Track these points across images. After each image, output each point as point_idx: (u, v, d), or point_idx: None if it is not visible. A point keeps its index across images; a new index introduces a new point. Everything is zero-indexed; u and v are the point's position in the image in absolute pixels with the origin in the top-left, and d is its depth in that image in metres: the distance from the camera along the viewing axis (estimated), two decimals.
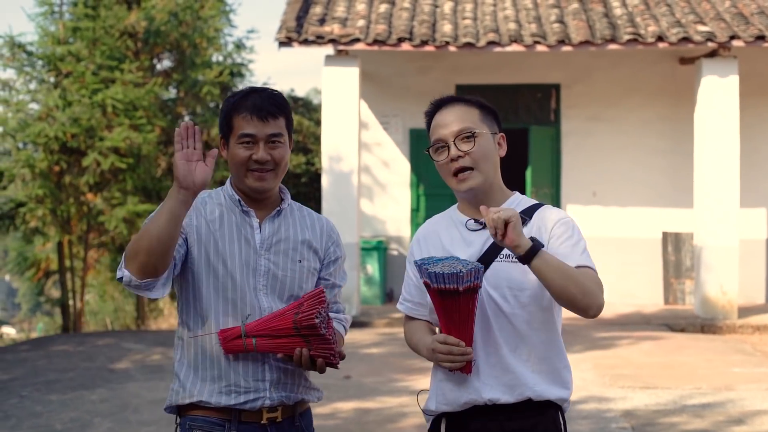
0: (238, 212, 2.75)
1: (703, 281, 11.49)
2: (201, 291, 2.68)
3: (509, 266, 2.60)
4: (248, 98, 2.70)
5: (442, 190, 13.09)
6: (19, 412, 7.13)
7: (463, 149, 2.63)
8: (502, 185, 2.73)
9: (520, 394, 2.61)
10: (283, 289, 2.73)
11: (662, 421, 6.71)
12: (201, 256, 2.68)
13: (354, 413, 6.99)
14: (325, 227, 2.86)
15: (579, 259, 2.58)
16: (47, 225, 14.44)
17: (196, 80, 15.37)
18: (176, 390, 2.71)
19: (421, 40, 11.41)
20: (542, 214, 2.67)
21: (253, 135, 2.67)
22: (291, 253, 2.75)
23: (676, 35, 11.29)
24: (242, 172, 2.70)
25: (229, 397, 2.64)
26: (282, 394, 2.69)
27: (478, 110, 2.71)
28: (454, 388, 2.65)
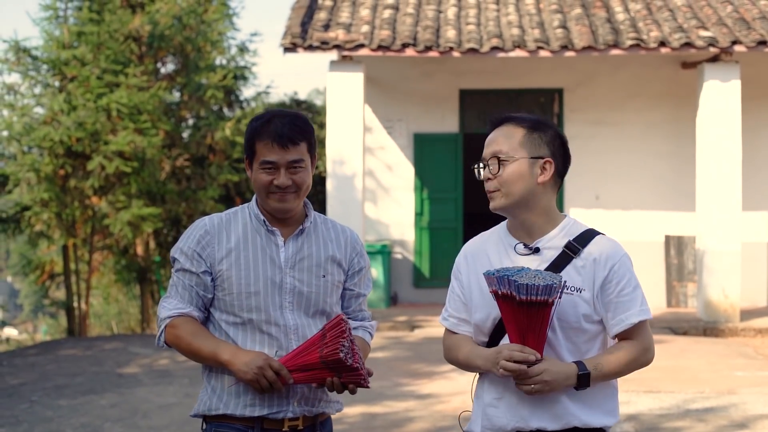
0: (263, 232, 2.82)
1: (705, 284, 11.56)
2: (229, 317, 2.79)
3: (562, 297, 2.60)
4: (270, 124, 2.77)
5: (446, 194, 13.18)
6: (30, 417, 7.20)
7: (492, 172, 2.67)
8: (549, 211, 2.70)
9: (567, 423, 2.64)
10: (309, 305, 2.81)
11: (666, 425, 6.77)
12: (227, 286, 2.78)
13: (361, 418, 7.04)
14: (350, 239, 2.94)
15: (639, 313, 2.64)
16: (52, 228, 14.51)
17: (199, 84, 15.43)
18: (205, 401, 2.81)
19: (425, 45, 11.48)
20: (598, 245, 2.65)
21: (275, 162, 2.75)
22: (315, 269, 2.83)
23: (679, 40, 11.36)
24: (264, 194, 2.79)
25: (254, 409, 2.74)
26: (304, 408, 2.78)
27: (525, 131, 2.69)
28: (500, 415, 2.67)
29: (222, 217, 2.86)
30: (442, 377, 8.43)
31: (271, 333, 2.76)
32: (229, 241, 2.79)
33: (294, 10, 12.19)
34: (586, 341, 2.66)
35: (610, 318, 2.65)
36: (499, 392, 2.68)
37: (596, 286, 2.63)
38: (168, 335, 2.78)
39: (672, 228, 12.96)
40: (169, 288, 2.84)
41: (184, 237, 2.84)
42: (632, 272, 2.68)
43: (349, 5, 12.44)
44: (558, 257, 2.65)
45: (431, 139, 13.26)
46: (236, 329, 2.77)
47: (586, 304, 2.63)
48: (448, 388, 7.91)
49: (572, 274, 2.63)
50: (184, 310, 2.78)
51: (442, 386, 8.04)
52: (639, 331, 2.67)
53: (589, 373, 2.58)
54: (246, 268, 2.77)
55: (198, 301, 2.80)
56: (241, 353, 2.70)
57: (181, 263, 2.80)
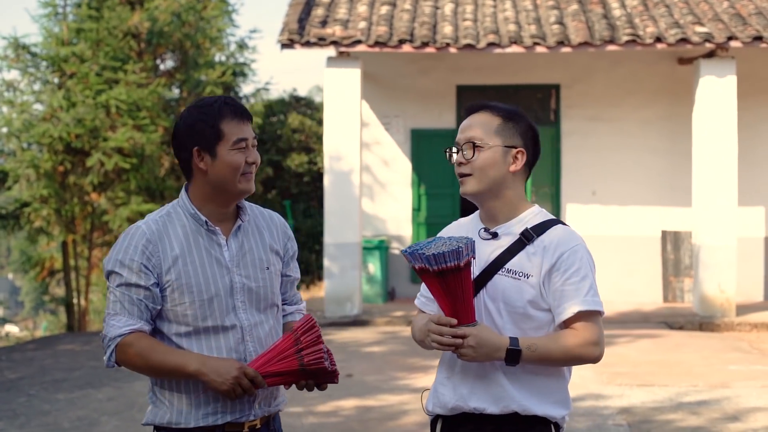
0: (204, 233, 2.72)
1: (701, 279, 11.60)
2: (180, 327, 2.68)
3: (507, 281, 2.64)
4: (226, 105, 2.70)
5: (443, 190, 13.23)
6: (28, 411, 7.26)
7: (466, 157, 2.70)
8: (515, 199, 2.73)
9: (506, 406, 2.64)
10: (259, 300, 2.75)
11: (658, 418, 6.81)
12: (179, 296, 2.66)
13: (356, 411, 7.10)
14: (280, 225, 2.88)
15: (582, 303, 2.60)
16: (51, 224, 14.56)
17: (198, 80, 15.47)
18: (162, 414, 2.69)
19: (422, 41, 11.52)
20: (552, 235, 2.67)
21: (246, 138, 2.69)
22: (258, 263, 2.76)
23: (675, 36, 11.39)
24: (236, 177, 2.69)
25: (217, 417, 2.67)
26: (265, 409, 2.74)
27: (501, 120, 2.73)
28: (445, 393, 2.71)
29: (158, 221, 2.71)
30: None
31: (228, 337, 2.67)
32: (173, 248, 2.66)
33: (291, 6, 12.23)
34: (534, 328, 2.65)
35: (554, 307, 2.63)
36: (448, 372, 2.72)
37: (543, 273, 2.63)
38: (121, 354, 2.61)
39: (668, 223, 13.01)
40: (112, 305, 2.64)
41: (122, 248, 2.66)
42: (584, 262, 2.64)
43: (346, 1, 12.48)
44: (513, 243, 2.67)
45: (428, 134, 13.31)
46: (190, 339, 2.66)
47: (532, 290, 2.63)
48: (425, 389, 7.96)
49: (523, 260, 2.65)
50: (135, 326, 2.62)
51: None
52: (584, 323, 2.61)
53: (520, 351, 2.55)
54: (195, 275, 2.66)
55: (147, 314, 2.65)
56: (211, 362, 2.60)
57: (125, 277, 2.63)
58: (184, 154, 2.71)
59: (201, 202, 2.72)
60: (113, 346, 2.61)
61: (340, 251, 11.64)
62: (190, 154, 2.69)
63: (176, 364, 2.59)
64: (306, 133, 16.95)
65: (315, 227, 15.92)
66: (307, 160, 16.62)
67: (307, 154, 16.74)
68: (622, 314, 11.88)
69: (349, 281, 11.59)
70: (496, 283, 2.65)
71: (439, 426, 2.76)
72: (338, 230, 11.66)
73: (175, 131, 2.75)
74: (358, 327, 11.27)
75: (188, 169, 2.73)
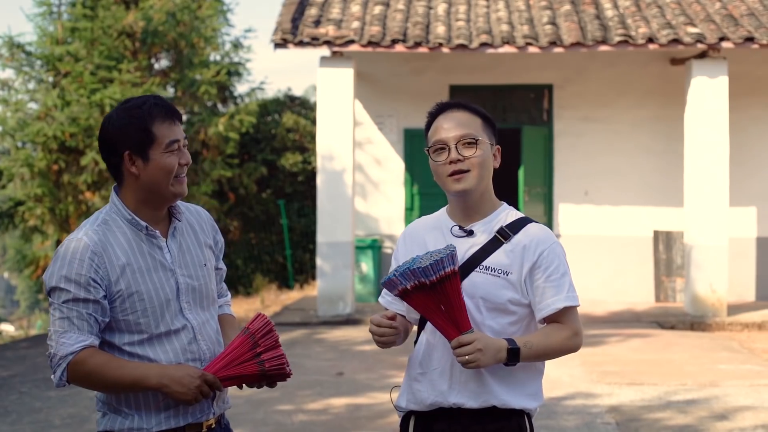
0: (144, 237, 2.68)
1: (693, 279, 11.65)
2: (133, 336, 2.64)
3: (486, 278, 2.69)
4: (156, 106, 2.64)
5: (435, 189, 13.24)
6: (19, 408, 7.29)
7: (464, 154, 2.72)
8: (492, 196, 2.81)
9: (485, 401, 2.70)
10: (202, 298, 2.75)
11: (647, 416, 6.86)
12: (129, 305, 2.62)
13: (346, 409, 7.14)
14: (207, 219, 2.87)
15: (565, 299, 2.71)
16: (46, 223, 14.59)
17: (193, 80, 15.49)
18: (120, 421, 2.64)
19: (414, 41, 11.56)
20: (529, 232, 2.74)
21: (178, 140, 2.64)
22: (197, 260, 2.76)
23: (667, 37, 11.44)
24: (170, 180, 2.64)
25: (177, 419, 2.67)
26: (222, 407, 2.79)
27: (481, 120, 2.80)
28: (422, 389, 2.74)
29: (97, 231, 2.63)
30: None
31: (180, 338, 2.66)
32: (119, 258, 2.61)
33: (285, 6, 12.26)
34: (511, 323, 2.72)
35: (537, 302, 2.71)
36: (423, 367, 2.76)
37: (524, 271, 2.70)
38: (73, 373, 2.55)
39: (660, 223, 13.06)
40: (59, 321, 2.55)
41: (66, 263, 2.57)
42: (562, 259, 2.74)
43: (339, 1, 12.51)
44: (489, 241, 2.73)
45: (421, 134, 13.16)
46: (143, 346, 2.63)
47: (512, 286, 2.70)
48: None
49: (501, 258, 2.71)
50: (86, 341, 2.55)
51: None
52: (567, 317, 2.73)
53: (519, 349, 2.63)
54: (144, 282, 2.63)
55: (96, 328, 2.58)
56: (171, 372, 2.57)
57: (73, 293, 2.55)
58: (114, 159, 2.64)
59: (135, 205, 2.67)
60: (64, 364, 2.54)
61: (332, 250, 11.67)
62: (121, 159, 2.63)
63: (134, 379, 2.56)
64: (300, 132, 16.98)
65: (309, 226, 15.95)
66: (302, 159, 16.65)
67: (302, 154, 16.76)
68: (613, 314, 11.93)
69: (341, 280, 11.62)
70: (473, 280, 2.69)
71: (413, 422, 2.80)
72: (331, 229, 11.69)
73: (103, 134, 2.66)
74: (350, 326, 11.31)
75: (119, 173, 2.66)
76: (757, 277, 13.06)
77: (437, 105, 2.84)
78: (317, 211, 11.84)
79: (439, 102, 2.86)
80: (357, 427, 6.60)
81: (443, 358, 2.70)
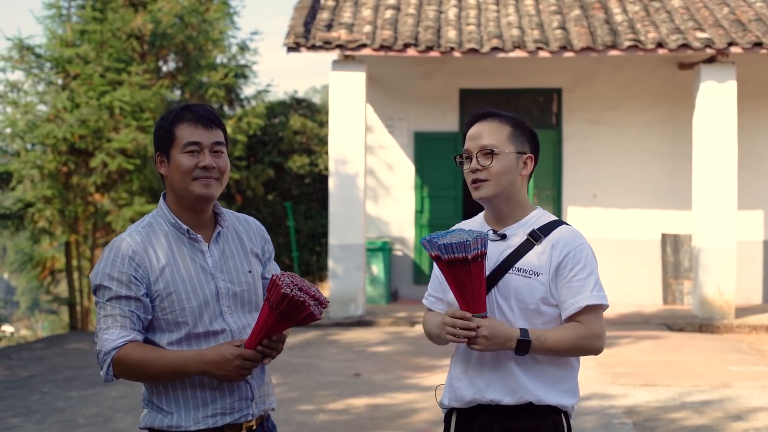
0: (186, 241, 2.76)
1: (701, 282, 11.74)
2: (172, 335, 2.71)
3: (519, 279, 2.79)
4: (188, 110, 2.73)
5: (445, 192, 13.35)
6: (43, 408, 7.36)
7: (482, 164, 2.85)
8: (523, 202, 2.90)
9: (521, 397, 2.79)
10: (244, 303, 2.80)
11: (663, 417, 6.94)
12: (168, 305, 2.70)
13: (366, 409, 7.22)
14: (257, 228, 2.93)
15: (589, 297, 2.76)
16: (54, 225, 14.64)
17: (201, 82, 15.56)
18: (161, 418, 2.71)
19: (426, 45, 11.64)
20: (559, 234, 2.84)
21: (199, 143, 2.70)
22: (240, 267, 2.81)
23: (676, 42, 11.54)
24: (188, 181, 2.71)
25: (216, 419, 2.72)
26: (261, 408, 2.82)
27: (510, 128, 2.87)
28: (462, 387, 2.85)
29: (141, 233, 2.73)
30: (444, 371, 8.52)
31: (218, 340, 2.72)
32: (159, 259, 2.70)
33: (297, 9, 12.34)
34: (543, 323, 2.81)
35: (562, 302, 2.80)
36: (464, 366, 2.87)
37: (551, 270, 2.79)
38: (118, 367, 2.63)
39: (668, 226, 13.15)
40: (103, 319, 2.66)
41: (109, 262, 2.68)
42: (589, 260, 2.82)
43: (351, 5, 12.60)
44: (521, 244, 2.84)
45: (431, 137, 13.43)
46: (182, 346, 2.70)
47: (542, 287, 2.79)
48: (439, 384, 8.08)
49: (533, 259, 2.81)
50: (129, 337, 2.64)
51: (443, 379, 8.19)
52: (589, 317, 2.78)
53: (530, 341, 2.71)
54: (183, 284, 2.70)
55: (139, 325, 2.68)
56: (207, 358, 2.63)
57: (115, 290, 2.65)
58: (155, 160, 2.79)
59: (177, 210, 2.76)
60: (109, 360, 2.63)
61: (344, 252, 11.75)
62: (155, 160, 2.77)
63: (176, 368, 2.64)
64: (307, 134, 17.04)
65: (316, 228, 16.02)
66: (309, 161, 16.71)
67: (309, 156, 16.82)
68: (622, 316, 12.01)
69: (353, 282, 11.70)
70: (507, 281, 2.80)
71: (454, 419, 2.91)
72: (343, 232, 11.77)
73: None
74: (362, 327, 11.38)
75: (161, 176, 2.79)
76: (764, 280, 13.16)
77: (471, 114, 2.95)
78: (329, 214, 11.92)
79: (475, 110, 2.97)
80: (378, 427, 6.67)
81: (482, 357, 2.81)
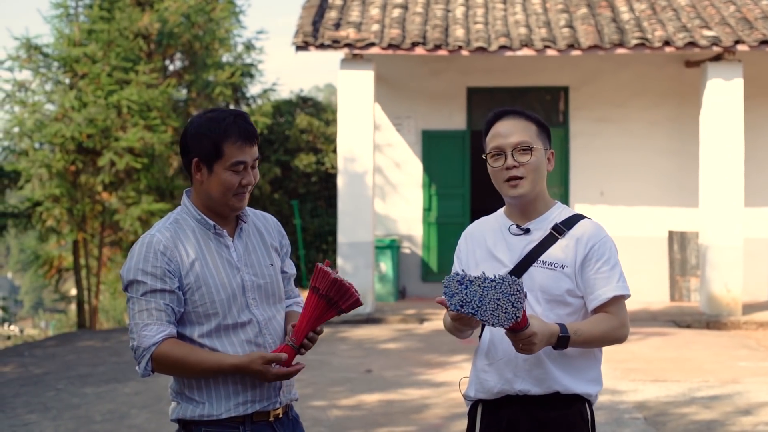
0: (212, 236, 2.84)
1: (708, 279, 11.79)
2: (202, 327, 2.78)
3: (544, 272, 2.86)
4: (235, 124, 2.78)
5: (453, 190, 13.40)
6: (58, 404, 7.42)
7: (520, 160, 2.89)
8: (546, 196, 2.97)
9: (549, 387, 2.86)
10: (268, 295, 2.89)
11: (673, 411, 6.99)
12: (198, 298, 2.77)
13: (378, 405, 7.27)
14: (274, 224, 3.02)
15: (615, 289, 2.85)
16: (62, 223, 14.69)
17: (207, 81, 15.61)
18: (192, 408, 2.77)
19: (434, 44, 11.69)
20: (581, 227, 2.91)
21: (245, 162, 2.78)
22: (263, 260, 2.90)
23: (683, 40, 11.58)
24: (228, 196, 2.79)
25: (247, 407, 2.80)
26: (287, 397, 2.91)
27: (536, 126, 2.95)
28: (489, 378, 2.93)
29: (169, 229, 2.81)
30: (455, 367, 8.66)
31: (247, 333, 2.80)
32: (189, 253, 2.78)
33: (305, 9, 12.39)
34: (569, 314, 2.88)
35: (588, 293, 2.87)
36: (490, 359, 2.94)
37: (577, 263, 2.86)
38: (157, 363, 2.70)
39: (675, 224, 13.19)
40: (138, 314, 2.72)
41: (141, 258, 2.74)
42: (612, 252, 2.90)
43: (359, 4, 12.65)
44: (545, 237, 2.91)
45: (439, 136, 13.48)
46: (212, 338, 2.77)
47: (568, 279, 2.87)
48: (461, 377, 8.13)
49: (558, 252, 2.88)
50: (166, 332, 2.72)
51: (455, 375, 8.25)
52: (615, 308, 2.86)
53: (569, 337, 2.77)
54: (212, 277, 2.78)
55: (173, 318, 2.75)
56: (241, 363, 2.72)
57: (150, 284, 2.72)
58: (185, 159, 2.84)
59: (202, 208, 2.84)
60: (148, 356, 2.70)
61: (353, 250, 11.81)
62: (190, 163, 2.80)
63: (212, 372, 2.73)
64: (314, 133, 17.09)
65: (322, 227, 16.07)
66: (315, 160, 16.76)
67: (315, 155, 16.88)
68: (630, 313, 11.54)
69: (362, 280, 11.74)
70: (532, 274, 2.87)
71: (480, 410, 2.97)
72: (351, 230, 11.82)
73: (183, 133, 2.85)
74: (371, 325, 11.44)
75: (189, 174, 2.85)
76: None
77: (494, 112, 3.00)
78: (338, 212, 11.97)
79: (497, 108, 3.02)
80: (391, 423, 6.73)
81: (508, 349, 2.86)
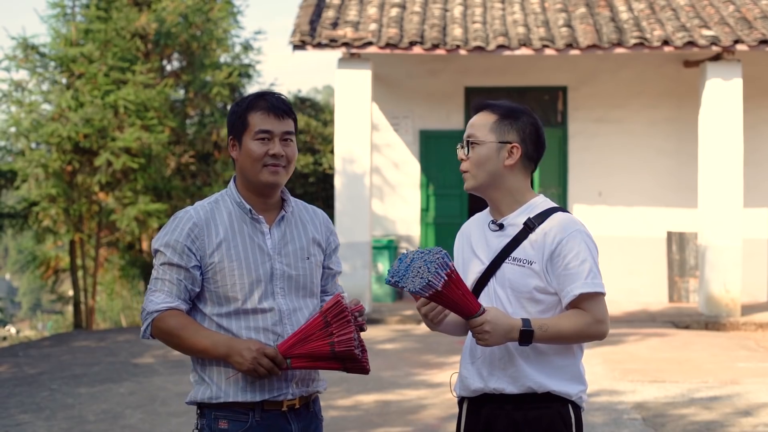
0: (248, 220, 2.87)
1: (707, 280, 11.74)
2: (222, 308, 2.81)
3: (513, 269, 2.82)
4: (263, 98, 2.86)
5: (451, 191, 13.35)
6: (52, 405, 7.36)
7: (462, 155, 2.90)
8: (516, 192, 2.88)
9: (523, 385, 2.81)
10: (298, 288, 2.88)
11: (672, 412, 6.94)
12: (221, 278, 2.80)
13: (375, 405, 7.23)
14: (323, 219, 3.03)
15: (583, 285, 2.75)
16: (59, 224, 14.63)
17: (205, 81, 15.55)
18: (203, 390, 2.82)
19: (432, 43, 11.64)
20: (552, 222, 2.82)
21: (270, 131, 2.82)
22: (300, 253, 2.90)
23: (682, 39, 11.54)
24: (258, 167, 2.82)
25: (254, 394, 2.79)
26: (302, 389, 2.87)
27: (497, 117, 2.88)
28: (469, 376, 2.90)
29: (206, 207, 2.86)
30: (452, 367, 8.55)
31: (266, 319, 2.81)
32: (218, 233, 2.81)
33: (302, 8, 12.35)
34: (541, 311, 2.81)
35: (560, 290, 2.80)
36: (471, 357, 2.91)
37: (545, 259, 2.79)
38: (156, 329, 2.79)
39: (674, 224, 13.15)
40: (154, 282, 2.82)
41: (170, 230, 2.82)
42: (583, 247, 2.78)
43: (356, 4, 12.60)
44: (518, 233, 2.84)
45: (437, 135, 13.44)
46: (230, 320, 2.80)
47: (536, 275, 2.80)
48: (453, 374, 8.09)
49: (527, 248, 2.82)
50: (172, 304, 2.78)
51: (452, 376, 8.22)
52: (589, 304, 2.77)
53: (532, 331, 2.71)
54: (237, 259, 2.80)
55: (185, 294, 2.81)
56: (235, 344, 2.74)
57: (168, 257, 2.79)
58: (227, 144, 2.93)
59: (245, 192, 2.88)
60: (149, 320, 2.80)
61: (351, 251, 11.75)
62: (228, 143, 2.90)
63: (205, 346, 2.76)
64: (311, 134, 17.06)
65: None
66: (313, 160, 16.73)
67: (313, 155, 16.84)
68: (628, 314, 12.01)
69: (360, 280, 11.70)
70: (504, 271, 2.83)
71: (465, 407, 2.95)
72: (349, 230, 11.77)
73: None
74: (369, 325, 11.36)
75: (232, 159, 2.91)
76: None
77: (471, 106, 3.01)
78: (335, 212, 11.92)
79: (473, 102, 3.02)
80: (387, 423, 6.69)
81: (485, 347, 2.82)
